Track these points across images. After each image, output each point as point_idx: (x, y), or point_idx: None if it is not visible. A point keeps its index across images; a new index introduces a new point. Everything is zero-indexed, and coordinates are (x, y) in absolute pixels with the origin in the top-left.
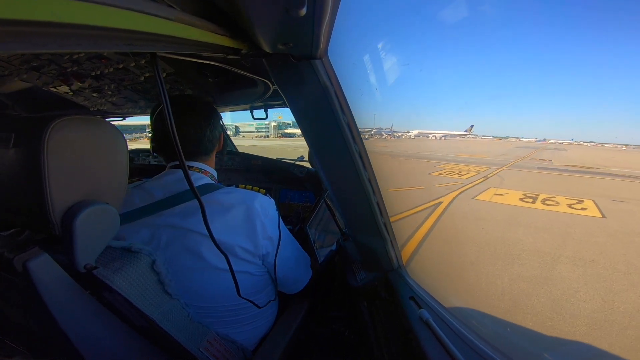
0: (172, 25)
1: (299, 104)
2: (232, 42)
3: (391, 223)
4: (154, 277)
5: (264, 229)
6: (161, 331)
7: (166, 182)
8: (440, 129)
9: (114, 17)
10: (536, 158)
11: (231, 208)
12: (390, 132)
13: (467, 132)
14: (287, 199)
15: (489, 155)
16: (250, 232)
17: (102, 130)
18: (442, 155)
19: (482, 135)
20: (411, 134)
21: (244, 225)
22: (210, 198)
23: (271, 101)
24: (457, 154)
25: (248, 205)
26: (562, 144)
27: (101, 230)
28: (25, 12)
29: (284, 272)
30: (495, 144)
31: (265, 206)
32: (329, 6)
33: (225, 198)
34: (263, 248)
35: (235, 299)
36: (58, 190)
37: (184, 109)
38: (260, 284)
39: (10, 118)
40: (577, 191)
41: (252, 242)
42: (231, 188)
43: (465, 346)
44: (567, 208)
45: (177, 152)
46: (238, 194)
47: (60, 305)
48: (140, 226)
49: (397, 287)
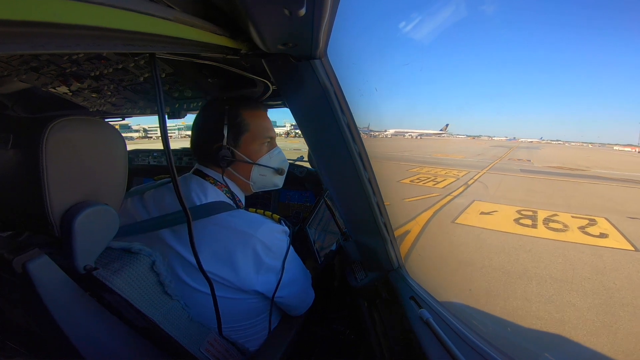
0: (171, 26)
1: (298, 104)
2: (232, 42)
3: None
4: (154, 278)
5: (258, 264)
6: (161, 332)
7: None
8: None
9: (113, 17)
10: (514, 158)
11: (223, 233)
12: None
13: (443, 131)
14: (287, 199)
15: (466, 155)
16: (235, 263)
17: (101, 130)
18: (417, 156)
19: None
20: (387, 133)
21: (228, 254)
22: (212, 220)
23: (271, 101)
24: (433, 154)
25: (246, 234)
26: (532, 142)
27: (101, 231)
28: (24, 12)
29: (284, 304)
30: (469, 142)
31: (269, 237)
32: (329, 6)
33: (225, 221)
34: (251, 282)
35: (227, 322)
36: (57, 191)
37: (202, 110)
38: (252, 311)
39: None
40: (578, 203)
41: (234, 274)
42: (238, 211)
43: (466, 346)
44: (581, 235)
45: (169, 162)
46: (240, 219)
47: (60, 307)
48: (147, 239)
49: (398, 287)
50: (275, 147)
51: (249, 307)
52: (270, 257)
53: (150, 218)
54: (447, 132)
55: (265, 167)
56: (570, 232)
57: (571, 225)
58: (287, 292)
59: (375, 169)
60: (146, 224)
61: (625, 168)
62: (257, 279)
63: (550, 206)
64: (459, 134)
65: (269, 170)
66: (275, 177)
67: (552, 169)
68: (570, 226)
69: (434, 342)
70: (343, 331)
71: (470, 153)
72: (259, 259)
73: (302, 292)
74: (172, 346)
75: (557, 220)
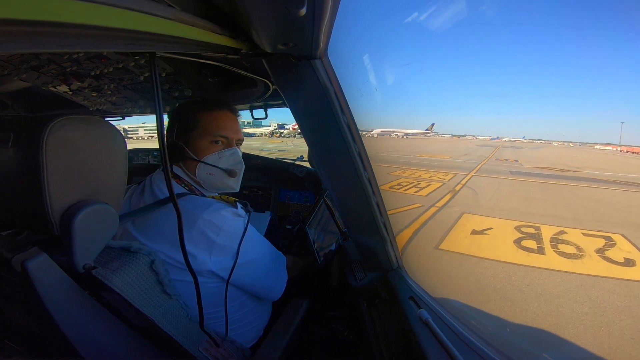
0: (172, 25)
1: (298, 103)
2: (232, 41)
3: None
4: (153, 277)
5: (211, 244)
6: (160, 331)
7: (150, 187)
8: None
9: (113, 16)
10: (501, 158)
11: (169, 215)
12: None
13: (429, 131)
14: (287, 199)
15: (451, 156)
16: (192, 245)
17: (101, 129)
18: (401, 157)
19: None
20: (374, 133)
21: (172, 233)
22: (164, 208)
23: (271, 101)
24: (417, 154)
25: (192, 215)
26: (514, 141)
27: (100, 230)
28: (25, 12)
29: (250, 284)
30: (455, 142)
31: (217, 218)
32: (329, 6)
33: (182, 206)
34: (210, 264)
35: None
36: (57, 190)
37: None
38: (216, 296)
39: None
40: (585, 215)
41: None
42: (190, 197)
43: (465, 346)
44: (602, 263)
45: (162, 156)
46: (190, 203)
47: (60, 306)
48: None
49: (397, 287)
50: (231, 147)
51: (209, 291)
52: (222, 237)
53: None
54: (433, 131)
55: (211, 166)
56: (587, 260)
57: (586, 248)
58: (247, 274)
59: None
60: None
61: (617, 168)
62: (210, 259)
63: (554, 219)
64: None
65: (217, 171)
66: (226, 178)
67: (543, 170)
68: (585, 249)
69: (433, 342)
70: (342, 331)
71: (456, 153)
72: (208, 238)
73: (266, 274)
74: (170, 345)
75: (567, 240)
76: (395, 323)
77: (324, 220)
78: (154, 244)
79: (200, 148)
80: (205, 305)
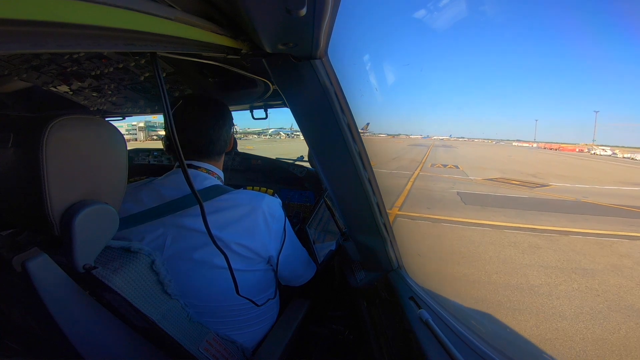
0: (173, 25)
1: (299, 103)
2: (232, 42)
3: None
4: (153, 277)
5: (269, 229)
6: (160, 331)
7: (175, 181)
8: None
9: (114, 16)
10: (438, 164)
11: (234, 207)
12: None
13: (364, 131)
14: (287, 199)
15: (376, 163)
16: (252, 230)
17: (102, 129)
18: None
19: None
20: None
21: (244, 222)
22: (219, 200)
23: (271, 101)
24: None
25: (254, 206)
26: (442, 139)
27: (100, 230)
28: (25, 12)
29: (288, 269)
30: (388, 141)
31: (272, 206)
32: (329, 6)
33: (232, 198)
34: (267, 247)
35: (234, 299)
36: (57, 190)
37: (199, 108)
38: (262, 283)
39: (9, 117)
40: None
41: (252, 240)
42: (239, 190)
43: (465, 346)
44: None
45: (177, 153)
46: (245, 195)
47: (60, 306)
48: (158, 225)
49: (397, 287)
50: None
51: (259, 278)
52: (275, 223)
53: (156, 207)
54: (369, 131)
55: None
56: None
57: None
58: (291, 253)
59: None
60: (155, 211)
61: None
62: (270, 243)
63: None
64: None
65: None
66: None
67: (498, 183)
68: None
69: (433, 343)
70: (342, 331)
71: (384, 157)
72: (268, 225)
73: (303, 255)
74: (171, 345)
75: None
76: (396, 323)
77: (324, 220)
78: (219, 232)
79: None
80: (251, 292)
